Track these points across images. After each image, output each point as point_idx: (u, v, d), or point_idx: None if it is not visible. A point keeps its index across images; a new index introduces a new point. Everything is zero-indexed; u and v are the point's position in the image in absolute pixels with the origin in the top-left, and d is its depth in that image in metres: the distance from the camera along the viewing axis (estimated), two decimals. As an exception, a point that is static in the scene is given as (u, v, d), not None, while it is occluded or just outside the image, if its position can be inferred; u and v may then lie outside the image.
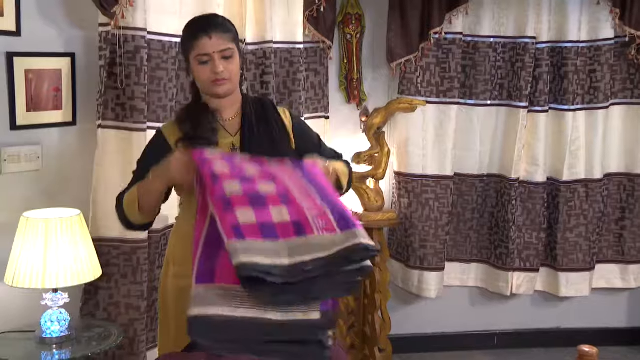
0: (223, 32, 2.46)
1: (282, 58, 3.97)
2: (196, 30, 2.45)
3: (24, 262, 2.86)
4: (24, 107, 3.10)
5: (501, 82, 4.48)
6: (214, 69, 2.44)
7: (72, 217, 2.94)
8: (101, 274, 3.08)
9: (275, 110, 2.67)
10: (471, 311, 4.77)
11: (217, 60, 2.43)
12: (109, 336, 3.09)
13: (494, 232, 4.58)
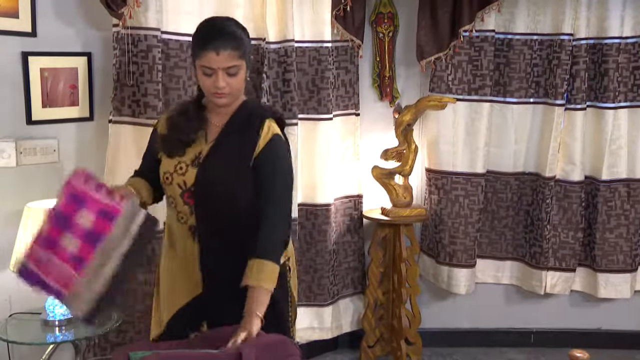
0: (232, 50, 2.27)
1: (311, 56, 3.79)
2: (205, 43, 2.27)
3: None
4: (39, 103, 3.07)
5: (537, 79, 4.12)
6: (215, 82, 2.28)
7: (72, 208, 2.88)
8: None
9: (258, 131, 2.40)
10: (506, 308, 4.43)
11: (220, 75, 2.28)
12: (110, 319, 3.02)
13: (529, 231, 4.23)
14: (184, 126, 2.40)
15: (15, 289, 3.03)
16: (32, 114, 3.06)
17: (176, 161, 2.39)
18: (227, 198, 2.38)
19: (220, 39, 2.27)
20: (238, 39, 2.32)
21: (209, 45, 2.26)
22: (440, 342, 4.36)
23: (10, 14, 2.96)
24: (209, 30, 2.34)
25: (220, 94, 2.32)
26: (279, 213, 2.40)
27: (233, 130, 2.40)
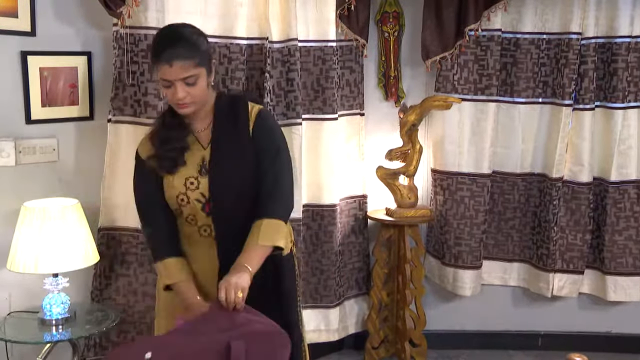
0: (185, 60, 2.19)
1: (315, 56, 3.73)
2: (158, 54, 2.20)
3: (20, 248, 2.80)
4: (38, 102, 3.04)
5: (545, 79, 4.03)
6: (174, 94, 2.23)
7: (68, 207, 2.86)
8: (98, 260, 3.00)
9: (246, 112, 2.39)
10: (513, 311, 4.34)
11: (178, 86, 2.21)
12: (107, 318, 2.99)
13: (536, 232, 4.14)
14: (171, 136, 2.35)
15: (15, 287, 3.02)
16: (32, 113, 3.04)
17: (182, 179, 2.35)
18: (245, 190, 2.35)
19: (172, 50, 2.19)
20: (192, 47, 2.23)
21: (161, 57, 2.19)
22: (446, 344, 4.28)
23: (10, 13, 2.94)
24: (161, 40, 2.27)
25: (183, 105, 2.27)
26: (283, 169, 2.40)
27: (223, 125, 2.37)
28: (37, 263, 2.78)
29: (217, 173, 2.33)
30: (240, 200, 2.35)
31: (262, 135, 2.38)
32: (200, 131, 2.39)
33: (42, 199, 2.92)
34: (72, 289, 3.00)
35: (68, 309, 2.93)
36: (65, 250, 2.83)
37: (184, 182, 2.34)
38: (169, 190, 2.36)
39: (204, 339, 2.20)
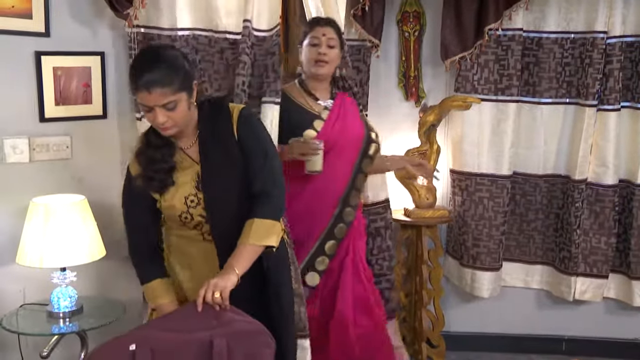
0: (164, 87, 2.12)
1: None
2: (136, 80, 2.14)
3: (28, 243, 2.83)
4: (52, 101, 3.06)
5: (569, 79, 3.88)
6: (155, 119, 2.18)
7: (74, 203, 2.88)
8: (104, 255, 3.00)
9: (228, 117, 2.35)
10: (536, 314, 4.19)
11: (158, 112, 2.16)
12: (114, 311, 3.00)
13: (559, 235, 3.99)
14: (156, 157, 2.32)
15: (29, 280, 3.05)
16: (45, 112, 3.05)
17: (182, 199, 2.33)
18: (240, 197, 2.34)
19: (150, 75, 2.12)
20: (171, 72, 2.16)
21: (139, 84, 2.13)
22: (466, 346, 4.16)
23: (24, 14, 2.96)
24: (139, 65, 2.19)
25: (164, 128, 2.23)
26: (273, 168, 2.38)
27: (208, 138, 2.34)
28: (43, 257, 2.80)
29: (211, 188, 2.31)
30: (237, 208, 2.33)
31: (248, 137, 2.34)
32: (188, 147, 2.36)
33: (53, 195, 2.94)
34: (80, 283, 3.00)
35: (75, 302, 2.95)
36: (71, 245, 2.84)
37: (184, 200, 2.32)
38: (169, 210, 2.34)
39: (187, 335, 2.18)
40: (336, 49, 3.02)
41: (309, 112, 3.03)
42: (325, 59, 2.98)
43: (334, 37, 3.01)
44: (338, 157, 3.00)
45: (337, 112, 3.06)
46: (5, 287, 3.04)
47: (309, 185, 2.99)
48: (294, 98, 3.07)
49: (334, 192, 3.04)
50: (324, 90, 3.10)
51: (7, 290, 3.04)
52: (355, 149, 3.07)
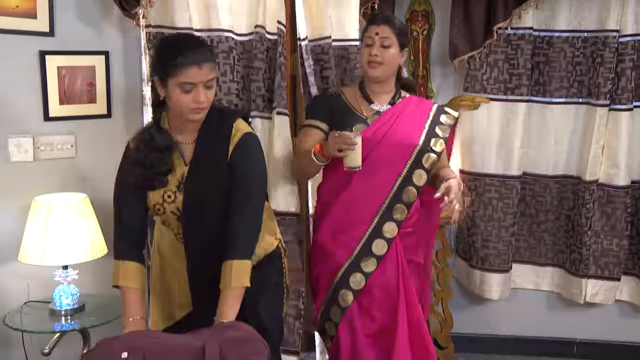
0: (211, 62, 2.21)
1: (339, 55, 3.60)
2: (185, 58, 2.14)
3: (29, 241, 2.83)
4: (56, 100, 3.06)
5: (580, 78, 3.79)
6: (197, 98, 2.18)
7: (76, 201, 2.87)
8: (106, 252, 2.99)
9: (228, 135, 2.32)
10: (547, 316, 4.10)
11: (201, 90, 2.18)
12: (115, 309, 2.98)
13: (570, 236, 3.90)
14: (156, 159, 2.31)
15: (33, 278, 3.05)
16: (50, 111, 3.06)
17: (161, 192, 2.34)
18: (216, 208, 2.32)
19: (199, 52, 2.18)
20: (211, 51, 2.28)
21: (190, 60, 2.14)
22: (476, 348, 4.09)
23: (29, 14, 2.97)
24: (185, 44, 2.22)
25: (200, 109, 2.23)
26: (253, 210, 2.34)
27: (205, 143, 2.32)
28: (44, 255, 2.80)
29: (190, 192, 2.31)
30: (210, 216, 2.32)
31: (238, 163, 2.31)
32: (186, 144, 2.35)
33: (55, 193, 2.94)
34: (82, 281, 3.00)
35: (77, 300, 2.95)
36: (73, 243, 2.84)
37: (162, 194, 2.34)
38: (149, 196, 2.36)
39: (179, 341, 2.16)
40: (392, 48, 2.78)
41: (355, 115, 2.85)
42: (377, 60, 2.78)
43: (389, 35, 2.78)
44: (375, 165, 2.76)
45: (386, 118, 2.83)
46: (10, 283, 3.05)
47: (345, 192, 2.82)
48: (346, 100, 2.91)
49: (371, 203, 2.79)
50: (384, 94, 2.89)
51: (12, 287, 3.05)
52: (402, 158, 2.79)
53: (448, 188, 2.66)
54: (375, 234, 2.79)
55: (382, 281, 2.80)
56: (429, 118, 2.88)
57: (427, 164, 2.81)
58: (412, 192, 2.80)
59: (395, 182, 2.79)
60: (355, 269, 2.79)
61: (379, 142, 2.78)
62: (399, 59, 2.85)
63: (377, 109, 2.87)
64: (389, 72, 2.84)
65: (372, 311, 2.82)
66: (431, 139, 2.83)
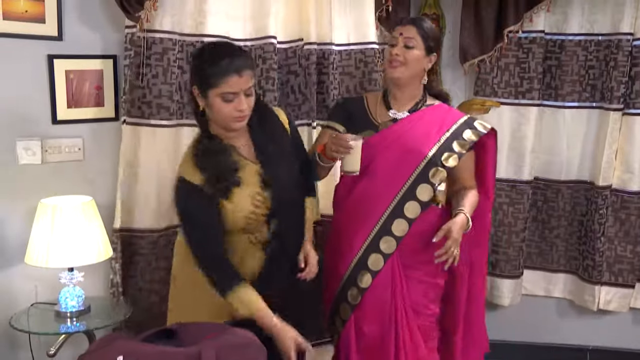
0: (251, 70, 2.20)
1: (357, 59, 3.57)
2: (226, 67, 2.15)
3: (36, 243, 2.83)
4: (64, 103, 3.07)
5: (593, 82, 3.72)
6: (239, 106, 2.20)
7: (81, 203, 2.87)
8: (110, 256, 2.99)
9: (276, 117, 2.44)
10: (559, 323, 4.02)
11: (242, 98, 2.19)
12: (120, 311, 3.00)
13: (583, 242, 3.82)
14: (220, 160, 2.28)
15: (41, 280, 3.07)
16: (58, 114, 3.07)
17: (248, 198, 2.31)
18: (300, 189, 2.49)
19: (239, 60, 2.18)
20: (250, 57, 2.26)
21: (230, 69, 2.15)
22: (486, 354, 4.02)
23: (38, 19, 2.98)
24: (224, 53, 2.21)
25: (242, 117, 2.24)
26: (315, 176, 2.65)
27: (261, 135, 2.36)
28: (50, 257, 2.80)
29: (277, 184, 2.34)
30: (298, 200, 2.46)
31: (297, 135, 2.53)
32: (242, 146, 2.35)
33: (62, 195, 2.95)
34: (88, 283, 3.00)
35: (83, 302, 2.95)
36: (78, 246, 2.84)
37: (250, 200, 2.30)
38: (234, 213, 2.29)
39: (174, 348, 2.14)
40: (416, 50, 2.60)
41: (368, 121, 2.72)
42: (398, 59, 2.60)
43: (414, 36, 2.60)
44: (377, 174, 2.63)
45: (399, 125, 2.67)
46: (18, 285, 3.07)
47: (347, 200, 2.74)
48: (367, 104, 2.77)
49: (369, 214, 2.64)
50: (405, 100, 2.70)
51: (20, 288, 3.06)
52: (407, 169, 2.61)
53: (448, 233, 2.49)
54: (372, 247, 2.64)
55: (373, 296, 2.67)
56: (449, 130, 2.65)
57: (434, 178, 2.60)
58: (414, 207, 2.61)
59: (396, 195, 2.61)
60: (352, 284, 2.69)
61: (385, 149, 2.63)
62: (424, 63, 2.65)
63: (393, 116, 2.70)
64: (410, 73, 2.63)
65: (363, 326, 2.73)
66: (444, 153, 2.60)
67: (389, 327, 2.69)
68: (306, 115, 3.41)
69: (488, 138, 2.74)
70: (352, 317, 2.72)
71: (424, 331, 2.77)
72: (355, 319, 2.73)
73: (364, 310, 2.71)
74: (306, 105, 3.40)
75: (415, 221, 2.61)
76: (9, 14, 2.92)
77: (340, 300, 2.73)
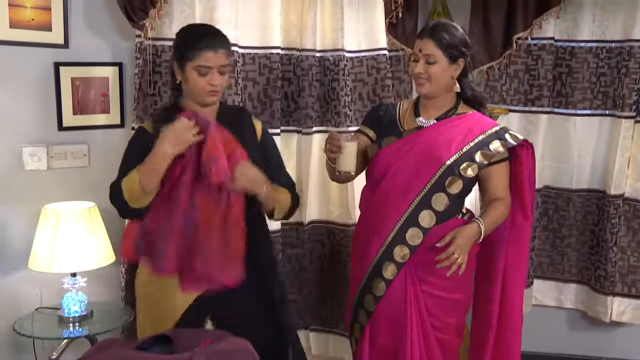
0: (226, 50, 2.33)
1: (369, 66, 3.52)
2: (203, 43, 2.28)
3: (39, 248, 2.84)
4: (70, 110, 3.08)
5: (604, 90, 3.62)
6: (211, 81, 2.30)
7: (84, 209, 2.87)
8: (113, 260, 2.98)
9: (251, 122, 2.49)
10: (570, 334, 3.91)
11: (215, 73, 2.30)
12: (122, 316, 3.00)
13: (595, 252, 3.72)
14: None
15: (46, 285, 3.07)
16: (63, 121, 3.08)
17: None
18: None
19: (216, 39, 2.31)
20: (227, 39, 2.36)
21: (206, 44, 2.27)
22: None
23: (44, 27, 3.00)
24: (203, 31, 2.37)
25: (215, 92, 2.33)
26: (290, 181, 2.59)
27: (229, 124, 2.38)
28: (52, 263, 2.81)
29: None
30: None
31: (268, 147, 2.52)
32: None
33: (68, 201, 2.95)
34: (91, 288, 3.00)
35: (85, 307, 2.95)
36: (80, 251, 2.84)
37: None
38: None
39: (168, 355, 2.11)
40: (438, 65, 2.47)
41: (393, 128, 2.63)
42: (422, 77, 2.50)
43: (433, 52, 2.47)
44: (396, 180, 2.53)
45: (423, 132, 2.56)
46: (24, 289, 3.08)
47: (368, 204, 2.67)
48: (398, 111, 2.67)
49: (385, 221, 2.54)
50: (435, 108, 2.59)
51: (25, 293, 3.07)
52: (424, 176, 2.49)
53: (453, 239, 2.39)
54: (386, 255, 2.53)
55: (387, 308, 2.59)
56: (475, 139, 2.50)
57: (450, 188, 2.47)
58: (429, 216, 2.49)
59: (411, 203, 2.49)
60: (368, 290, 2.60)
61: (405, 155, 2.53)
62: (450, 72, 2.51)
63: (419, 124, 2.59)
64: (438, 87, 2.52)
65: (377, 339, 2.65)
66: (464, 162, 2.46)
67: (403, 341, 2.61)
68: (296, 122, 3.40)
69: (521, 150, 2.59)
70: (367, 329, 2.66)
71: (442, 344, 2.67)
72: (370, 332, 2.66)
73: (379, 322, 2.64)
74: (297, 112, 3.38)
75: (430, 232, 2.50)
76: (16, 22, 2.95)
77: (359, 306, 2.66)
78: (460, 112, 2.60)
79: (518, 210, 2.63)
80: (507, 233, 2.63)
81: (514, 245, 2.66)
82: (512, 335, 2.75)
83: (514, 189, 2.62)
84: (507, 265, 2.67)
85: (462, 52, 2.53)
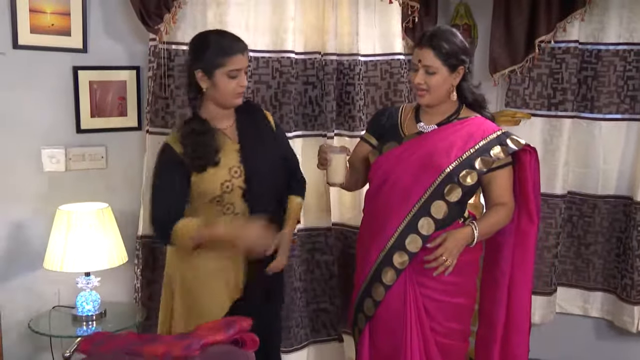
0: (247, 51, 2.43)
1: (383, 70, 3.46)
2: (233, 48, 2.38)
3: (53, 248, 2.84)
4: (88, 113, 3.08)
5: (632, 94, 3.46)
6: (241, 82, 2.39)
7: (98, 210, 2.87)
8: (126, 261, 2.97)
9: (264, 114, 2.61)
10: (596, 344, 3.75)
11: (243, 75, 2.40)
12: (134, 315, 3.00)
13: (621, 260, 3.56)
14: (202, 141, 2.39)
15: (63, 284, 3.08)
16: (81, 124, 3.09)
17: (226, 169, 2.40)
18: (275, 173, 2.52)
19: (240, 42, 2.41)
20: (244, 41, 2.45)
21: (237, 49, 2.37)
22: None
23: (63, 32, 3.01)
24: (227, 37, 2.44)
25: (242, 93, 2.42)
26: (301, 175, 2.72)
27: (245, 122, 2.50)
28: (65, 262, 2.81)
29: (251, 161, 2.43)
30: (271, 185, 2.49)
31: (283, 137, 2.69)
32: (227, 128, 2.48)
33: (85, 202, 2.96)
34: (105, 288, 3.00)
35: (99, 307, 2.95)
36: (93, 251, 2.84)
37: (229, 171, 2.40)
38: (210, 181, 2.38)
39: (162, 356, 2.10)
40: (438, 75, 2.41)
41: (395, 133, 2.58)
42: (422, 88, 2.44)
43: (433, 63, 2.40)
44: (395, 187, 2.49)
45: (423, 138, 2.51)
46: (42, 288, 3.09)
47: (367, 211, 2.65)
48: (400, 116, 2.62)
49: (385, 227, 2.49)
50: (436, 114, 2.53)
51: (41, 291, 3.09)
52: (424, 183, 2.44)
53: (442, 240, 2.39)
54: (386, 261, 2.49)
55: (387, 312, 2.55)
56: (475, 146, 2.43)
57: (449, 196, 2.42)
58: (428, 224, 2.44)
59: (410, 210, 2.44)
60: (368, 294, 2.57)
61: (405, 161, 2.48)
62: (449, 83, 2.45)
63: (420, 129, 2.54)
64: (437, 96, 2.46)
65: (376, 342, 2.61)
66: (463, 169, 2.41)
67: (402, 345, 2.55)
68: (321, 126, 3.33)
69: (524, 155, 2.50)
70: (366, 332, 2.61)
71: (445, 349, 2.59)
72: (370, 335, 2.61)
73: (378, 326, 2.59)
74: (322, 117, 3.31)
75: (429, 238, 2.45)
76: (36, 28, 2.96)
77: (358, 309, 2.62)
78: (462, 116, 2.52)
79: (523, 215, 2.54)
80: (512, 237, 2.56)
81: (519, 250, 2.58)
82: (519, 340, 2.65)
83: (519, 193, 2.53)
84: (513, 270, 2.59)
85: (462, 60, 2.44)
